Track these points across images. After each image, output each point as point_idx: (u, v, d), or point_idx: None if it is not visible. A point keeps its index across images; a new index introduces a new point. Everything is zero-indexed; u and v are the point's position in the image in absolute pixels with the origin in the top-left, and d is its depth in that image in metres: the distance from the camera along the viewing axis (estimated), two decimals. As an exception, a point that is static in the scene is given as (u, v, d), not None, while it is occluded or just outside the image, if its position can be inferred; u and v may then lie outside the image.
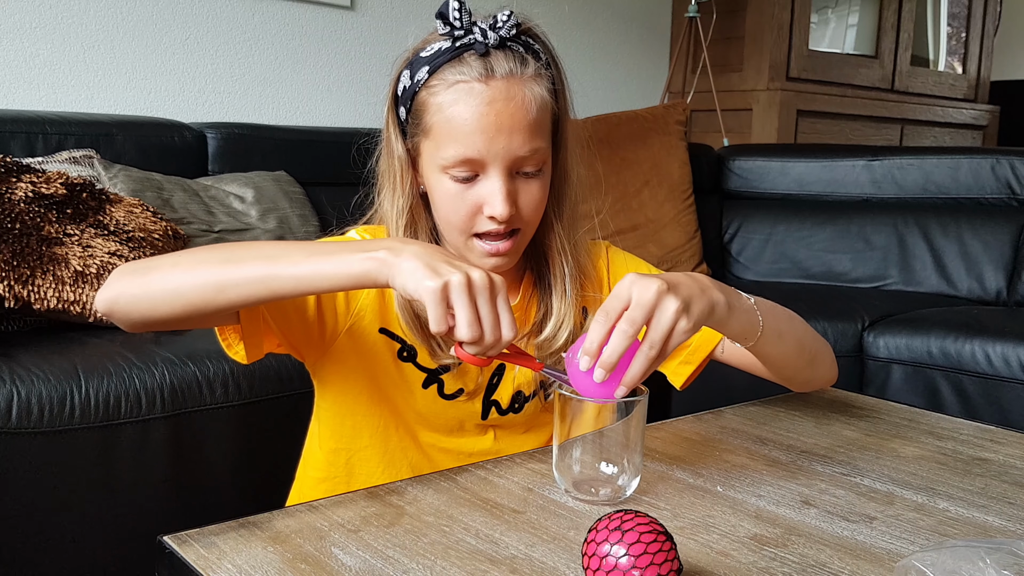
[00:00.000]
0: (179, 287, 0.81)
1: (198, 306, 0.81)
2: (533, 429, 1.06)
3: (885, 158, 2.73)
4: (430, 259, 0.76)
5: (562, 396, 0.81)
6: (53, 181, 1.61)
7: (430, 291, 0.74)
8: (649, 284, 0.78)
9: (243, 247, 0.85)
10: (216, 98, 2.45)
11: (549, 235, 1.01)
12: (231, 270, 0.80)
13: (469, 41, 0.90)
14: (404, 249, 0.77)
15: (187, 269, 0.82)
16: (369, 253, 0.77)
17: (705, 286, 0.83)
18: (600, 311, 0.78)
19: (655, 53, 3.58)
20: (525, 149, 0.91)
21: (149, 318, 0.84)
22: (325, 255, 0.79)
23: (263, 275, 0.79)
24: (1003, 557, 0.62)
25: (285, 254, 0.80)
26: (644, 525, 0.61)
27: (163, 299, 0.82)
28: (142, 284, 0.83)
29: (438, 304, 0.74)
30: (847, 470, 0.91)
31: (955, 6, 4.28)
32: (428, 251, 0.77)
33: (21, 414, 1.29)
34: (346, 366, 0.98)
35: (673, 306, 0.78)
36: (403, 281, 0.75)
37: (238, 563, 0.67)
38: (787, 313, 1.00)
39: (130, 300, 0.83)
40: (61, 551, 1.34)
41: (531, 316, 1.03)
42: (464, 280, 0.74)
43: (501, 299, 0.77)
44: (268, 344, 0.91)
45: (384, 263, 0.76)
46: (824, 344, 1.08)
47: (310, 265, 0.78)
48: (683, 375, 1.06)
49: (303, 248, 0.81)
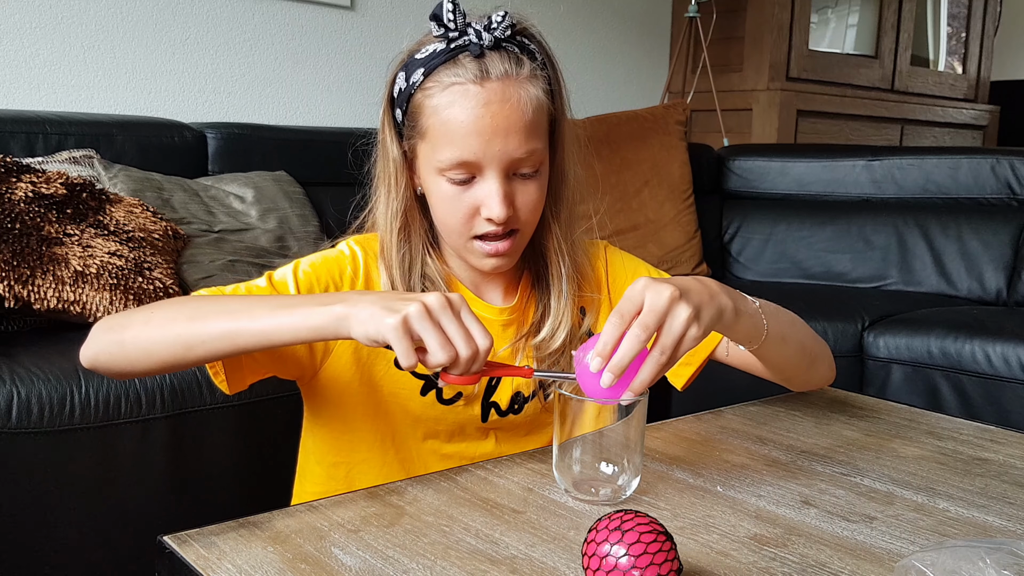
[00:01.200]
0: (150, 346, 0.84)
1: (171, 363, 0.84)
2: (534, 431, 1.05)
3: (885, 158, 2.72)
4: (385, 301, 0.76)
5: (562, 396, 0.81)
6: (53, 181, 1.61)
7: (390, 328, 0.74)
8: (662, 290, 0.78)
9: (210, 302, 0.86)
10: (216, 98, 2.44)
11: (546, 235, 1.01)
12: (197, 327, 0.82)
13: (464, 43, 0.90)
14: (360, 300, 0.77)
15: (157, 327, 0.84)
16: (328, 307, 0.78)
17: (714, 292, 0.84)
18: (614, 313, 0.78)
19: (655, 53, 3.58)
20: (521, 151, 0.90)
21: (128, 372, 0.87)
22: (285, 309, 0.80)
23: (226, 332, 0.80)
24: (1003, 557, 0.62)
25: (247, 308, 0.81)
26: (644, 525, 0.61)
27: (137, 357, 0.85)
28: (118, 343, 0.86)
29: (402, 338, 0.74)
30: (847, 470, 0.91)
31: (955, 6, 4.28)
32: (383, 296, 0.78)
33: (21, 414, 1.29)
34: (340, 382, 0.98)
35: (685, 313, 0.78)
36: (363, 329, 0.76)
37: (238, 563, 0.67)
38: (790, 316, 1.01)
39: (109, 357, 0.87)
40: (61, 551, 1.34)
41: (529, 316, 1.03)
42: (421, 308, 0.75)
43: (465, 312, 0.77)
44: (251, 377, 0.92)
45: (342, 317, 0.77)
46: (823, 346, 1.09)
47: (271, 320, 0.79)
48: (684, 376, 1.06)
49: (265, 303, 0.82)
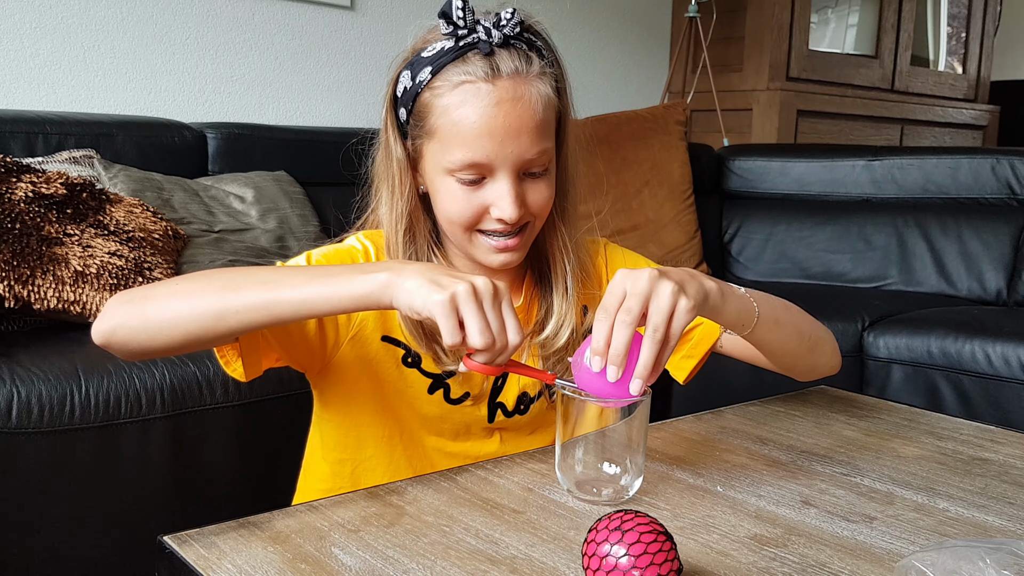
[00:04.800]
0: (177, 316, 0.80)
1: (197, 335, 0.80)
2: (539, 431, 1.05)
3: (885, 158, 2.72)
4: (432, 275, 0.76)
5: (565, 396, 0.81)
6: (53, 181, 1.61)
7: (438, 304, 0.73)
8: (640, 274, 0.78)
9: (240, 272, 0.83)
10: (216, 98, 2.44)
11: (551, 234, 1.01)
12: (230, 297, 0.79)
13: (473, 40, 0.89)
14: (405, 269, 0.77)
15: (185, 298, 0.81)
16: (371, 275, 0.77)
17: (694, 274, 0.84)
18: (599, 310, 0.78)
19: (655, 53, 3.58)
20: (533, 151, 0.90)
21: (147, 348, 0.83)
22: (325, 278, 0.78)
23: (263, 301, 0.78)
24: (1003, 557, 0.62)
25: (284, 278, 0.80)
26: (644, 525, 0.61)
27: (161, 329, 0.81)
28: (139, 315, 0.82)
29: (449, 316, 0.73)
30: (847, 470, 0.91)
31: (955, 6, 4.28)
32: (429, 268, 0.77)
33: (21, 414, 1.29)
34: (349, 376, 0.97)
35: (668, 288, 0.78)
36: (408, 300, 0.75)
37: (238, 563, 0.67)
38: (782, 302, 1.00)
39: (128, 331, 0.82)
40: (61, 551, 1.34)
41: (533, 315, 1.03)
42: (470, 289, 0.74)
43: (506, 304, 0.77)
44: (267, 361, 0.91)
45: (386, 285, 0.76)
46: (824, 331, 1.06)
47: (311, 289, 0.78)
48: (686, 369, 1.06)
49: (302, 272, 0.81)
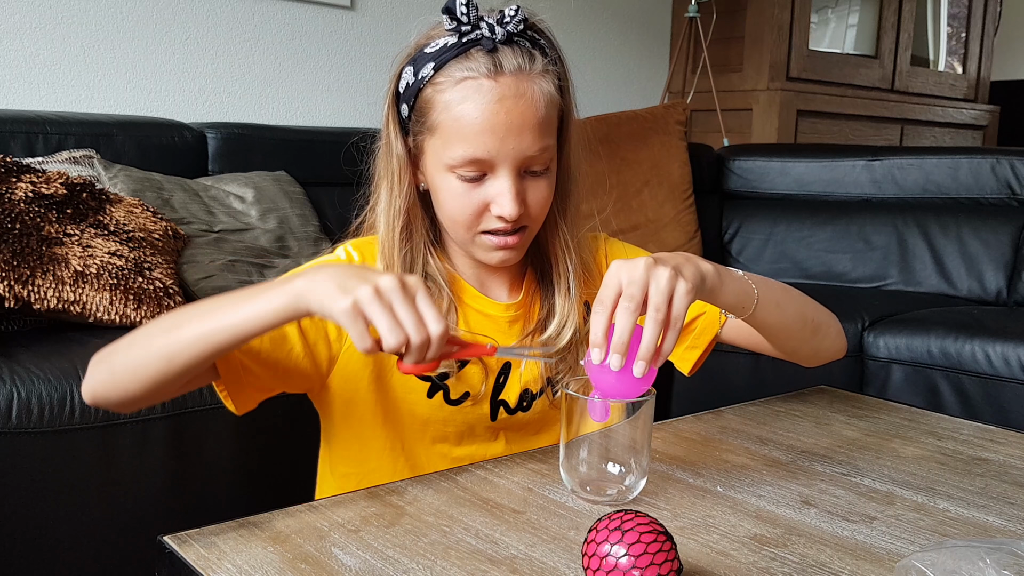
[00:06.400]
0: (136, 365, 0.82)
1: (158, 379, 0.81)
2: (544, 430, 1.05)
3: (885, 158, 2.72)
4: (340, 279, 0.75)
5: (568, 396, 0.81)
6: (53, 181, 1.61)
7: (342, 312, 0.73)
8: (635, 263, 0.78)
9: (186, 310, 0.84)
10: (216, 98, 2.44)
11: (552, 233, 1.01)
12: (173, 337, 0.80)
13: (476, 36, 0.89)
14: (317, 275, 0.76)
15: (139, 346, 0.83)
16: (287, 287, 0.77)
17: (690, 257, 0.84)
18: (596, 303, 0.78)
19: (655, 53, 3.58)
20: (535, 149, 0.90)
21: (128, 399, 0.84)
22: (251, 299, 0.78)
23: (200, 334, 0.79)
24: (1003, 557, 0.62)
25: (219, 307, 0.80)
26: (644, 525, 0.61)
27: (128, 379, 0.83)
28: (108, 369, 0.84)
29: (354, 321, 0.73)
30: (847, 470, 0.91)
31: (955, 6, 4.28)
32: (340, 271, 0.76)
33: (21, 414, 1.29)
34: (349, 388, 0.97)
35: (665, 272, 0.78)
36: (320, 307, 0.75)
37: (238, 563, 0.67)
38: (782, 285, 0.99)
39: (105, 387, 0.84)
40: (61, 551, 1.34)
41: (534, 314, 1.02)
42: (372, 290, 0.73)
43: (420, 296, 0.75)
44: (257, 394, 0.90)
45: (300, 295, 0.76)
46: (827, 314, 1.05)
47: (239, 314, 0.78)
48: (690, 360, 1.06)
49: (237, 297, 0.81)
